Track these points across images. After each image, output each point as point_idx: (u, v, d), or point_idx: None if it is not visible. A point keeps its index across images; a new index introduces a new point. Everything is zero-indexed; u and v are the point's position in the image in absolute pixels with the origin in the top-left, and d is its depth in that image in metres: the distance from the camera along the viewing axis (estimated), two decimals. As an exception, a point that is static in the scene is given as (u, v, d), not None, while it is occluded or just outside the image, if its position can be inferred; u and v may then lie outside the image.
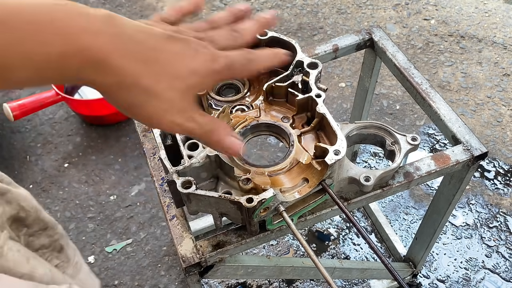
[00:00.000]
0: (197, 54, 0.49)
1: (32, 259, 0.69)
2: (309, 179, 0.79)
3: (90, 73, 0.42)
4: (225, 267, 0.88)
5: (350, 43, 1.15)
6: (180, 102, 0.48)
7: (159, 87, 0.46)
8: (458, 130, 0.98)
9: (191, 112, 0.50)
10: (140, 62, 0.44)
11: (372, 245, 0.75)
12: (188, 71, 0.48)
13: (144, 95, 0.46)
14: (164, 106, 0.47)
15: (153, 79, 0.45)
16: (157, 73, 0.46)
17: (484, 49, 2.24)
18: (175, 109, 0.48)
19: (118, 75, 0.43)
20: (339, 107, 2.05)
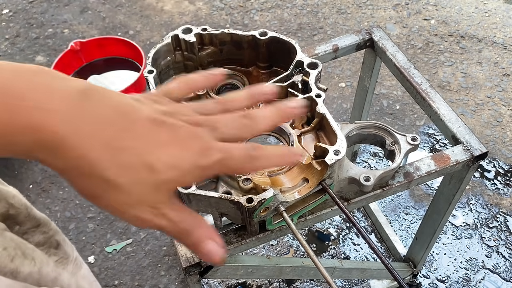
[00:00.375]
0: (183, 145, 0.41)
1: (17, 258, 0.68)
2: (309, 179, 0.78)
3: (43, 154, 0.37)
4: (225, 267, 0.88)
5: (350, 43, 1.15)
6: (149, 197, 0.40)
7: (123, 180, 0.39)
8: (458, 130, 0.98)
9: (163, 207, 0.42)
10: (104, 149, 0.38)
11: (372, 245, 0.75)
12: (166, 164, 0.40)
13: (104, 186, 0.39)
14: (127, 200, 0.40)
15: (115, 170, 0.38)
16: (123, 164, 0.38)
17: (484, 49, 2.24)
18: (143, 204, 0.41)
19: (75, 160, 0.37)
20: (339, 107, 2.05)
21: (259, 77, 0.95)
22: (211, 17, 2.44)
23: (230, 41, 0.92)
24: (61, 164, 0.38)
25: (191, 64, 0.94)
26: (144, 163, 0.39)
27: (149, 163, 0.39)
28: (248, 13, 2.45)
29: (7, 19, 2.49)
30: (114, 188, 0.39)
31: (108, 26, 2.42)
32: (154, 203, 0.41)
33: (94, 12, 2.50)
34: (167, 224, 0.42)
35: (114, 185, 0.39)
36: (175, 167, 0.40)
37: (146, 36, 2.36)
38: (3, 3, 2.57)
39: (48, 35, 2.40)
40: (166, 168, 0.40)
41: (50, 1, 2.57)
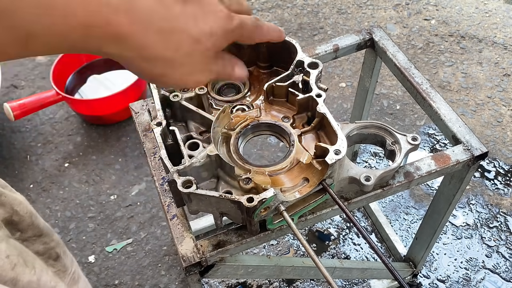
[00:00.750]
0: (212, 15, 0.49)
1: (19, 266, 0.68)
2: (309, 179, 0.79)
3: (112, 47, 0.43)
4: (226, 266, 0.88)
5: (351, 43, 1.15)
6: (201, 64, 0.50)
7: (179, 55, 0.47)
8: (458, 130, 0.98)
9: (210, 66, 0.52)
10: (159, 34, 0.45)
11: (372, 245, 0.75)
12: (205, 33, 0.48)
13: (167, 65, 0.48)
14: (186, 70, 0.50)
15: (172, 49, 0.47)
16: (175, 42, 0.47)
17: (485, 49, 2.24)
18: (197, 70, 0.51)
19: (139, 48, 0.45)
20: (339, 107, 2.05)
21: (259, 76, 0.95)
22: (212, 17, 2.44)
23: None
24: (127, 54, 0.45)
25: (192, 64, 0.94)
26: (190, 38, 0.47)
27: (193, 37, 0.48)
28: (248, 13, 2.45)
29: (7, 18, 2.49)
30: (172, 64, 0.48)
31: (108, 26, 2.42)
32: (204, 67, 0.51)
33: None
34: (214, 75, 0.54)
35: (172, 61, 0.47)
36: (212, 34, 0.49)
37: (146, 36, 2.36)
38: None
39: (49, 35, 2.39)
40: (207, 37, 0.49)
41: (51, 1, 2.57)
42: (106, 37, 0.42)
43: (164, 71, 0.48)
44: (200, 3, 0.49)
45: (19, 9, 0.37)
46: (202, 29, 0.48)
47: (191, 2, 0.48)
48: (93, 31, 0.41)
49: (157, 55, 0.46)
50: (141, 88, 1.98)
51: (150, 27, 0.44)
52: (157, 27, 0.45)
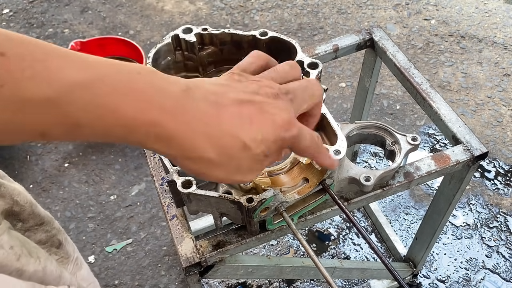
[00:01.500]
0: (269, 120, 0.48)
1: (23, 257, 0.69)
2: (309, 179, 0.78)
3: (155, 144, 0.43)
4: (225, 267, 0.88)
5: (351, 43, 1.15)
6: (247, 167, 0.49)
7: (224, 159, 0.46)
8: (458, 130, 0.98)
9: (260, 167, 0.51)
10: (205, 137, 0.45)
11: (372, 245, 0.75)
12: (256, 140, 0.47)
13: (210, 165, 0.47)
14: (230, 171, 0.48)
15: (218, 153, 0.46)
16: (223, 146, 0.46)
17: (485, 49, 2.24)
18: (243, 172, 0.49)
19: (183, 150, 0.44)
20: (339, 107, 2.05)
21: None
22: (212, 17, 2.44)
23: (231, 41, 0.92)
24: (172, 152, 0.45)
25: (192, 64, 0.94)
26: (239, 144, 0.46)
27: (243, 144, 0.46)
28: (248, 13, 2.45)
29: (7, 19, 2.49)
30: (215, 166, 0.47)
31: (108, 26, 2.42)
32: (252, 169, 0.50)
33: (94, 12, 2.50)
34: (254, 177, 0.52)
35: (215, 163, 0.46)
36: (263, 142, 0.47)
37: (146, 36, 2.36)
38: (3, 3, 2.57)
39: (49, 35, 2.40)
40: (257, 144, 0.47)
41: (51, 1, 2.57)
42: (150, 135, 0.42)
43: (207, 171, 0.47)
44: (260, 105, 0.48)
45: (73, 101, 0.38)
46: (253, 136, 0.46)
47: (249, 103, 0.47)
48: (138, 128, 0.41)
49: (200, 156, 0.45)
50: (141, 88, 1.98)
51: (197, 130, 0.44)
52: (205, 130, 0.44)
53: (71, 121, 0.39)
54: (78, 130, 0.40)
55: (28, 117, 0.37)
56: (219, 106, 0.45)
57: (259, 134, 0.47)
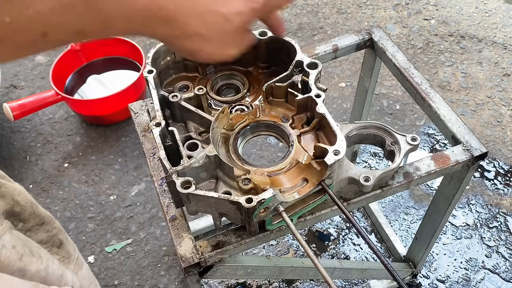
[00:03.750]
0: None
1: (26, 256, 0.69)
2: (308, 179, 0.78)
3: (162, 28, 0.54)
4: (225, 267, 0.88)
5: (350, 43, 1.15)
6: (232, 39, 0.61)
7: (213, 33, 0.58)
8: (458, 130, 0.98)
9: (241, 41, 0.63)
10: (195, 15, 0.55)
11: (371, 245, 0.75)
12: (234, 13, 0.58)
13: (203, 41, 0.58)
14: (219, 46, 0.60)
15: (207, 28, 0.57)
16: (208, 22, 0.56)
17: (484, 49, 2.24)
18: (229, 45, 0.61)
19: (182, 28, 0.55)
20: (339, 107, 2.05)
21: (259, 77, 0.95)
22: (211, 17, 2.44)
23: (230, 41, 0.92)
24: (172, 33, 0.55)
25: (191, 64, 0.94)
26: (221, 17, 0.57)
27: (224, 16, 0.57)
28: (248, 13, 2.45)
29: (7, 19, 2.49)
30: (208, 41, 0.58)
31: (108, 26, 2.42)
32: (235, 42, 0.62)
33: None
34: (243, 48, 0.64)
35: (207, 38, 0.58)
36: (239, 13, 0.59)
37: (146, 36, 2.36)
38: None
39: (48, 35, 2.39)
40: (235, 16, 0.58)
41: (50, 1, 2.57)
42: (158, 19, 0.52)
43: (200, 46, 0.58)
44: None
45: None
46: (230, 9, 0.57)
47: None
48: (149, 15, 0.51)
49: (195, 32, 0.56)
50: (140, 88, 1.98)
51: (190, 11, 0.54)
52: (191, 9, 0.55)
53: (104, 17, 0.48)
54: (109, 24, 0.49)
55: (71, 16, 0.45)
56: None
57: (234, 7, 0.58)
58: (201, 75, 0.95)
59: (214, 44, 0.59)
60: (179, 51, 0.60)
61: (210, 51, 0.60)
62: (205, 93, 0.89)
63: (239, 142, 0.86)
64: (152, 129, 0.78)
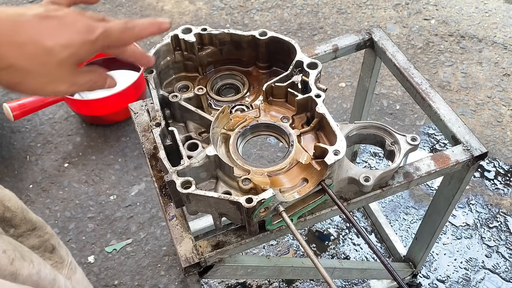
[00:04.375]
0: (70, 28, 0.53)
1: (17, 260, 0.69)
2: (308, 179, 0.78)
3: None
4: (225, 267, 0.88)
5: (350, 43, 1.15)
6: (58, 74, 0.54)
7: (33, 66, 0.52)
8: (458, 130, 0.98)
9: (72, 78, 0.56)
10: (13, 46, 0.50)
11: (371, 245, 0.75)
12: (60, 45, 0.52)
13: (23, 74, 0.52)
14: (42, 80, 0.53)
15: (26, 60, 0.51)
16: (27, 53, 0.51)
17: (484, 49, 2.24)
18: (55, 80, 0.54)
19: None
20: (339, 107, 2.05)
21: (259, 77, 0.95)
22: (211, 17, 2.44)
23: (230, 41, 0.92)
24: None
25: (191, 64, 0.94)
26: (43, 49, 0.51)
27: (46, 48, 0.52)
28: (248, 13, 2.45)
29: (7, 19, 2.49)
30: (27, 74, 0.52)
31: (108, 26, 2.42)
32: (63, 78, 0.55)
33: (94, 12, 2.49)
34: (78, 88, 0.58)
35: (26, 71, 0.52)
36: (68, 46, 0.53)
37: (146, 36, 2.36)
38: (3, 3, 2.57)
39: (48, 35, 2.39)
40: (61, 48, 0.52)
41: (50, 1, 2.57)
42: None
43: (20, 80, 0.52)
44: (60, 18, 0.53)
45: None
46: (56, 41, 0.52)
47: (53, 18, 0.53)
48: None
49: (11, 65, 0.50)
50: (140, 88, 1.98)
51: (6, 40, 0.50)
52: (10, 39, 0.50)
53: None
54: None
55: None
56: (22, 20, 0.51)
57: (62, 39, 0.53)
58: (201, 75, 0.95)
59: (36, 78, 0.53)
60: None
61: (32, 85, 0.53)
62: (205, 93, 0.89)
63: (239, 142, 0.86)
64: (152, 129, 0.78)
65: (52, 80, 0.54)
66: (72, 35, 0.53)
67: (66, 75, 0.55)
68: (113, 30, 0.57)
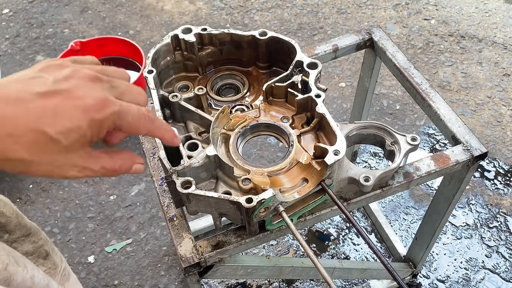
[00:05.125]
0: (77, 106, 0.46)
1: (11, 266, 0.68)
2: (308, 179, 0.78)
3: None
4: (225, 267, 0.88)
5: (350, 43, 1.15)
6: (64, 161, 0.47)
7: (34, 156, 0.45)
8: (458, 130, 0.98)
9: (82, 163, 0.48)
10: (11, 138, 0.43)
11: (371, 245, 0.75)
12: (63, 133, 0.45)
13: (23, 165, 0.45)
14: (47, 168, 0.46)
15: (26, 151, 0.44)
16: (29, 144, 0.44)
17: (484, 49, 2.24)
18: (62, 166, 0.47)
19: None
20: (339, 107, 2.05)
21: (259, 77, 0.95)
22: (211, 17, 2.44)
23: (230, 41, 0.92)
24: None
25: (191, 64, 0.94)
26: (44, 137, 0.44)
27: (48, 136, 0.44)
28: (248, 13, 2.45)
29: (7, 19, 2.49)
30: (31, 164, 0.45)
31: (108, 26, 2.42)
32: (71, 163, 0.48)
33: (94, 12, 2.50)
34: (93, 173, 0.50)
35: (30, 161, 0.45)
36: (72, 130, 0.45)
37: (146, 36, 2.36)
38: (3, 3, 2.57)
39: (48, 35, 2.40)
40: (65, 135, 0.45)
41: (50, 1, 2.57)
42: None
43: (24, 169, 0.46)
44: (66, 93, 0.46)
45: None
46: (58, 128, 0.45)
47: (55, 94, 0.45)
48: None
49: (12, 158, 0.44)
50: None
51: (6, 133, 0.43)
52: (9, 132, 0.43)
53: None
54: None
55: None
56: (21, 104, 0.44)
57: (67, 123, 0.45)
58: (201, 75, 0.95)
59: (41, 166, 0.46)
60: (6, 170, 0.47)
61: (38, 172, 0.47)
62: (205, 93, 0.89)
63: (239, 142, 0.86)
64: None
65: (58, 167, 0.47)
66: (77, 116, 0.45)
67: (75, 161, 0.48)
68: (129, 113, 0.49)
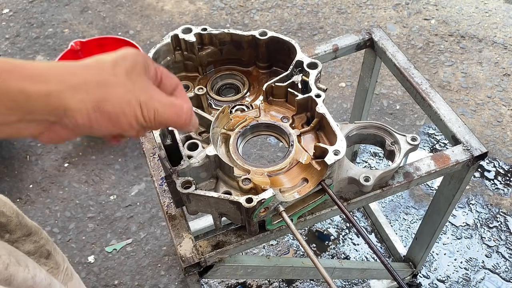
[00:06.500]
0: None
1: (12, 265, 0.68)
2: (308, 179, 0.78)
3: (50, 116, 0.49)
4: (225, 267, 0.88)
5: (350, 43, 1.15)
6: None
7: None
8: (458, 130, 0.98)
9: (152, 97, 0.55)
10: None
11: (371, 245, 0.75)
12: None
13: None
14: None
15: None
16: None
17: (485, 49, 2.24)
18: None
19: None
20: (339, 107, 2.05)
21: (259, 77, 0.95)
22: (211, 17, 2.44)
23: (230, 41, 0.92)
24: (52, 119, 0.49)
25: (191, 64, 0.94)
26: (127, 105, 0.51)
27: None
28: (248, 12, 2.45)
29: (7, 18, 2.49)
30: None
31: (108, 25, 2.42)
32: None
33: (94, 12, 2.50)
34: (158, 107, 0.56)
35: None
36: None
37: (146, 36, 2.36)
38: (3, 3, 2.57)
39: (48, 35, 2.40)
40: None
41: (50, 0, 2.57)
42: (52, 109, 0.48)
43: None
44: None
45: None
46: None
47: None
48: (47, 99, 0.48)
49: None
50: (140, 88, 1.98)
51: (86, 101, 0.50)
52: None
53: None
54: None
55: None
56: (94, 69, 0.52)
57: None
58: (201, 75, 0.95)
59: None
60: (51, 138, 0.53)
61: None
62: (205, 93, 0.89)
63: (239, 142, 0.86)
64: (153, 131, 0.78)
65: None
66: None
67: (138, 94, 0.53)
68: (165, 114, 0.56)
